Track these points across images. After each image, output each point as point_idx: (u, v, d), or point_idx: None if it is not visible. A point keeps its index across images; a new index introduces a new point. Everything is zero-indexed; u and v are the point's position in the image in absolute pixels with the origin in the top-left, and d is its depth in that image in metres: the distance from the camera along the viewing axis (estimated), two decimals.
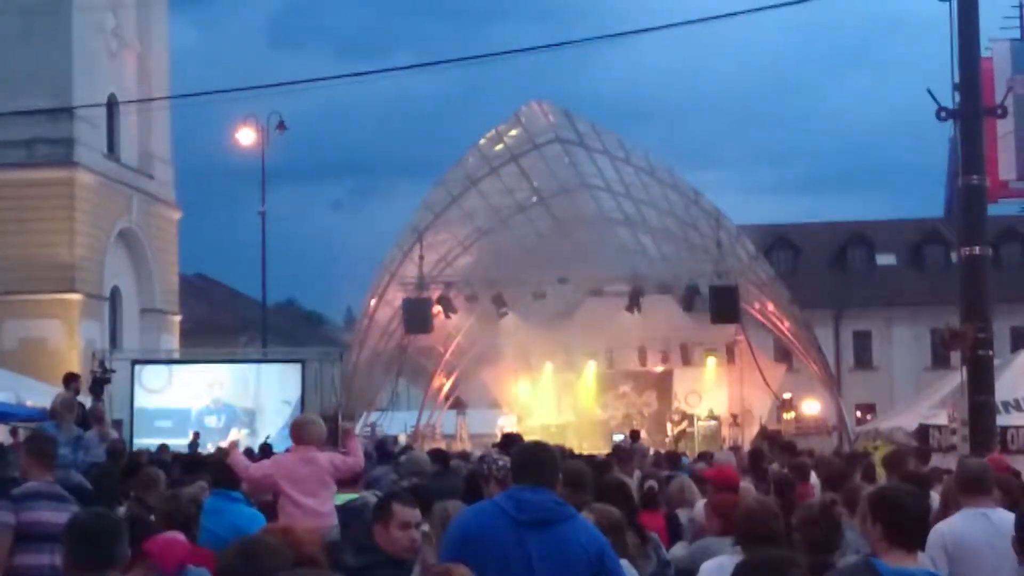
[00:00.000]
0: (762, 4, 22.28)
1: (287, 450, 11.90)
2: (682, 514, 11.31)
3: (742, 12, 24.23)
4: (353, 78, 44.31)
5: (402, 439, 34.58)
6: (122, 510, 11.87)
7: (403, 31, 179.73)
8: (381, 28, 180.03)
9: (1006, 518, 7.38)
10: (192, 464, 15.63)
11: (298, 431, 11.25)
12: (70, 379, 21.73)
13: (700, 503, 10.79)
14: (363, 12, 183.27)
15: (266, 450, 20.24)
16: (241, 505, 9.55)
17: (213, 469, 10.62)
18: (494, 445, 17.08)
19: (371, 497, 11.19)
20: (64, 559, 5.59)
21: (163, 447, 23.66)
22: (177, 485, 10.20)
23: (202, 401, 33.07)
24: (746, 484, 11.97)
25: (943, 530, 7.73)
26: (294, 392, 32.68)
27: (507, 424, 37.77)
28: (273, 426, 30.79)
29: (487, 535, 6.30)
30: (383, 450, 19.33)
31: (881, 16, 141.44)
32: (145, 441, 28.13)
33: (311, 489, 10.73)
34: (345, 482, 11.14)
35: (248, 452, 18.69)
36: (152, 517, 8.56)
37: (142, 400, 32.61)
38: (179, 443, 28.07)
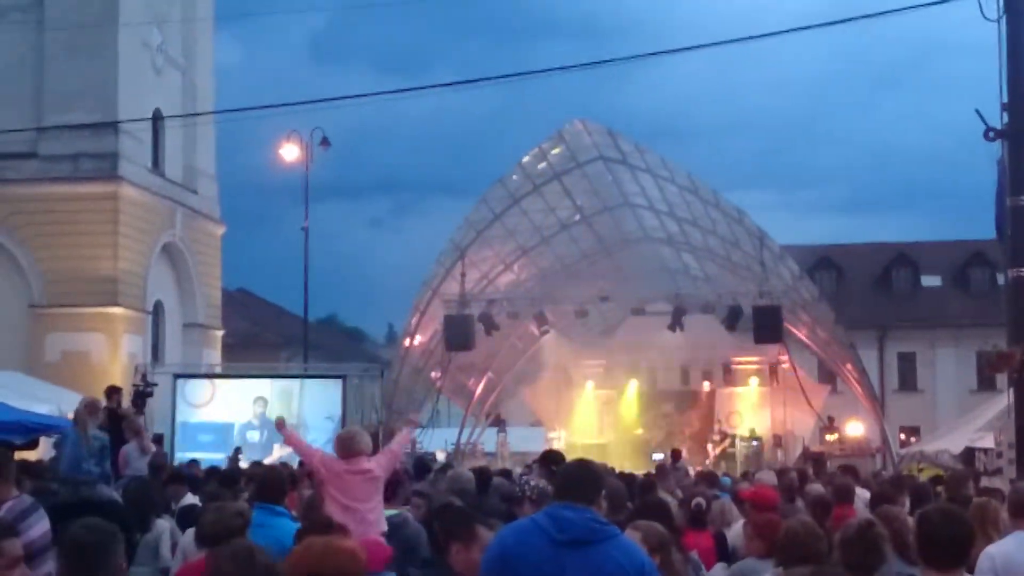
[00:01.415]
0: (804, 24, 22.19)
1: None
2: (728, 534, 11.22)
3: (784, 31, 24.25)
4: (394, 95, 44.30)
5: (440, 456, 34.50)
6: (161, 523, 11.87)
7: (444, 49, 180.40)
8: (423, 46, 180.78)
9: None
10: (229, 478, 15.54)
11: (346, 446, 11.10)
12: (112, 392, 21.80)
13: (739, 524, 10.69)
14: (405, 30, 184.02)
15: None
16: (285, 519, 9.48)
17: (257, 482, 10.55)
18: (534, 462, 17.00)
19: (408, 513, 11.16)
20: (59, 572, 5.60)
21: (193, 462, 23.60)
22: (215, 499, 10.11)
23: (245, 416, 33.10)
24: (800, 505, 11.92)
25: (993, 552, 7.69)
26: (336, 408, 32.62)
27: (557, 440, 37.72)
28: (316, 442, 30.72)
29: (525, 554, 6.20)
30: (420, 466, 19.24)
31: (926, 35, 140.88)
32: (188, 455, 28.16)
33: (360, 495, 10.71)
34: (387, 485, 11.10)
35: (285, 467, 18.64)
36: None
37: (185, 414, 32.67)
38: (221, 458, 28.15)
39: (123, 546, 5.65)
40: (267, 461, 25.98)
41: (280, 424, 12.39)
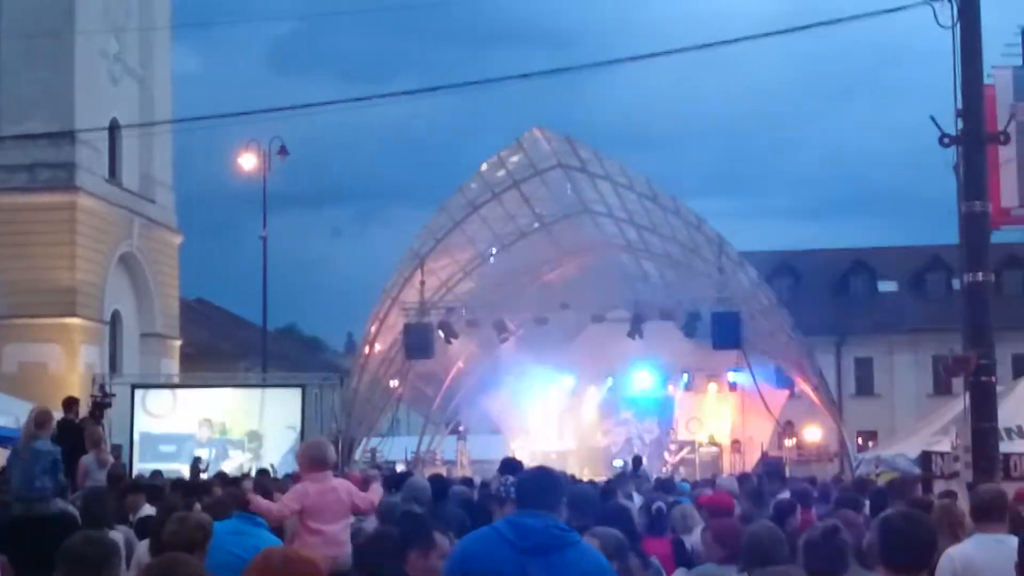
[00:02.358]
0: (763, 31, 22.31)
1: (296, 475, 11.77)
2: (686, 540, 11.25)
3: (743, 39, 24.34)
4: (354, 103, 44.15)
5: (399, 467, 34.46)
6: (115, 534, 11.80)
7: (406, 57, 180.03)
8: (384, 54, 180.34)
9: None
10: (191, 490, 15.45)
11: (315, 459, 11.08)
12: (70, 403, 21.61)
13: (698, 529, 10.73)
14: (366, 38, 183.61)
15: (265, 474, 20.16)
16: (263, 530, 9.54)
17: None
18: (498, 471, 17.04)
19: (365, 523, 11.19)
20: None
21: (156, 473, 23.48)
22: (172, 511, 10.07)
23: (201, 432, 32.79)
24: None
25: (953, 554, 7.73)
26: (297, 417, 32.53)
27: (520, 448, 37.76)
28: (278, 451, 30.72)
29: (487, 562, 6.20)
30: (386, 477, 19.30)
31: (883, 43, 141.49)
32: (149, 466, 28.02)
33: (330, 517, 10.74)
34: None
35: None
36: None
37: (145, 425, 32.39)
38: (183, 467, 28.00)
39: (122, 561, 5.63)
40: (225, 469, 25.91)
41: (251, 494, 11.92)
